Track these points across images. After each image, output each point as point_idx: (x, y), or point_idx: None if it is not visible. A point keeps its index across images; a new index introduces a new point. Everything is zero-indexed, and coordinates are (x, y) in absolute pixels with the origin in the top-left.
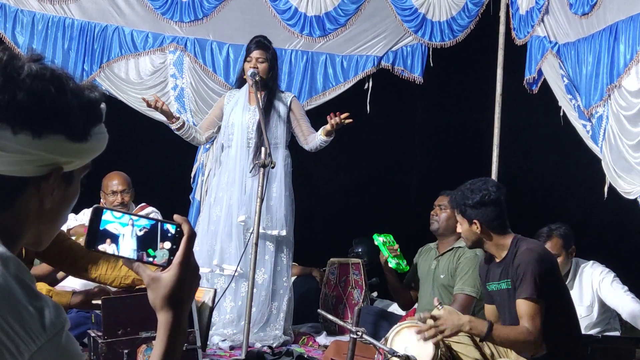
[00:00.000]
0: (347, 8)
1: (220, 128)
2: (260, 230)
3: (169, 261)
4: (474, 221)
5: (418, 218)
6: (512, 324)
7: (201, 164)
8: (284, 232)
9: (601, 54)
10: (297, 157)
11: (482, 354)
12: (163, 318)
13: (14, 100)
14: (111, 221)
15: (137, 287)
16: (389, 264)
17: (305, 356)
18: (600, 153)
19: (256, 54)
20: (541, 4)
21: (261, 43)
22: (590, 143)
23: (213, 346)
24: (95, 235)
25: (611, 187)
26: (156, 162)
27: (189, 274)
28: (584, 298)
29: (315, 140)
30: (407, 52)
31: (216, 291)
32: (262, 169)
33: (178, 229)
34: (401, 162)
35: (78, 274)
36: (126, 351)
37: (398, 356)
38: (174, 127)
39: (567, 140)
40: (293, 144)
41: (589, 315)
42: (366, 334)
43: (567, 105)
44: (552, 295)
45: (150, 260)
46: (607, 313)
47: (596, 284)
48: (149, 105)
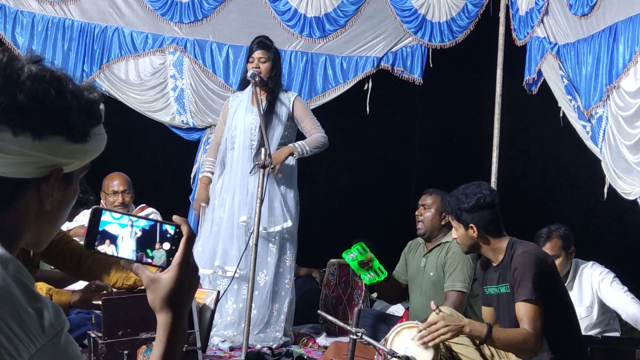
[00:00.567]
0: (347, 9)
1: None
2: (262, 230)
3: (168, 262)
4: (470, 225)
5: None
6: (513, 327)
7: (201, 165)
8: (289, 224)
9: (601, 55)
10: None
11: (482, 355)
12: (162, 319)
13: (15, 102)
14: (110, 222)
15: (138, 288)
16: (365, 282)
17: (305, 357)
18: (600, 154)
19: (258, 54)
20: (541, 5)
21: (263, 43)
22: (590, 144)
23: (213, 347)
24: (94, 236)
25: (611, 188)
26: (156, 163)
27: (188, 275)
28: (584, 299)
29: (313, 140)
30: (407, 53)
31: (219, 293)
32: (262, 170)
33: (177, 230)
34: (401, 163)
35: (81, 275)
36: (126, 352)
37: (398, 357)
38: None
39: (567, 141)
40: None
41: (589, 315)
42: (366, 335)
43: (567, 106)
44: (551, 296)
45: (149, 261)
46: (607, 314)
47: (596, 285)
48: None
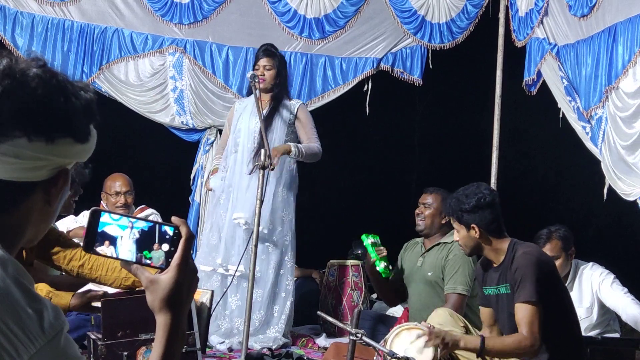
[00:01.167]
0: (347, 10)
1: None
2: (263, 231)
3: (167, 263)
4: (472, 226)
5: None
6: (512, 328)
7: (200, 166)
8: (289, 235)
9: (600, 56)
10: None
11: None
12: (162, 320)
13: (28, 108)
14: (109, 223)
15: (138, 289)
16: (377, 267)
17: (304, 358)
18: (599, 155)
19: (263, 62)
20: (540, 6)
21: (268, 51)
22: (589, 145)
23: (212, 348)
24: (93, 237)
25: (611, 189)
26: (156, 164)
27: (187, 276)
28: (584, 300)
29: (308, 148)
30: (407, 54)
31: (213, 292)
32: (262, 171)
33: (176, 231)
34: (401, 163)
35: (79, 277)
36: (126, 353)
37: (397, 358)
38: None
39: (567, 141)
40: None
41: (589, 316)
42: (366, 336)
43: (567, 106)
44: (552, 297)
45: (148, 262)
46: (607, 315)
47: (596, 286)
48: None
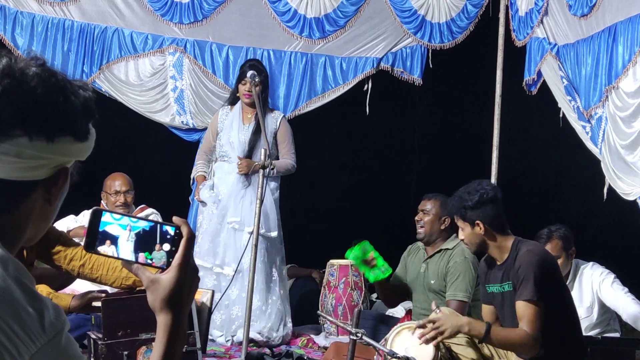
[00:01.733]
0: (347, 10)
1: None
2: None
3: (168, 263)
4: (477, 222)
5: None
6: (515, 326)
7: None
8: (275, 234)
9: (600, 55)
10: (298, 159)
11: (482, 355)
12: (162, 320)
13: (28, 107)
14: (110, 223)
15: (138, 289)
16: (369, 280)
17: (305, 357)
18: (599, 154)
19: (250, 77)
20: (540, 5)
21: (254, 66)
22: (589, 144)
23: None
24: (94, 237)
25: (611, 189)
26: (156, 164)
27: (188, 276)
28: (584, 299)
29: (282, 164)
30: (407, 54)
31: (214, 292)
32: (262, 170)
33: (177, 231)
34: (401, 163)
35: (80, 276)
36: (126, 353)
37: (398, 357)
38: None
39: (567, 141)
40: (297, 152)
41: (589, 316)
42: (366, 336)
43: (567, 106)
44: (553, 297)
45: (149, 262)
46: (607, 314)
47: (596, 285)
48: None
